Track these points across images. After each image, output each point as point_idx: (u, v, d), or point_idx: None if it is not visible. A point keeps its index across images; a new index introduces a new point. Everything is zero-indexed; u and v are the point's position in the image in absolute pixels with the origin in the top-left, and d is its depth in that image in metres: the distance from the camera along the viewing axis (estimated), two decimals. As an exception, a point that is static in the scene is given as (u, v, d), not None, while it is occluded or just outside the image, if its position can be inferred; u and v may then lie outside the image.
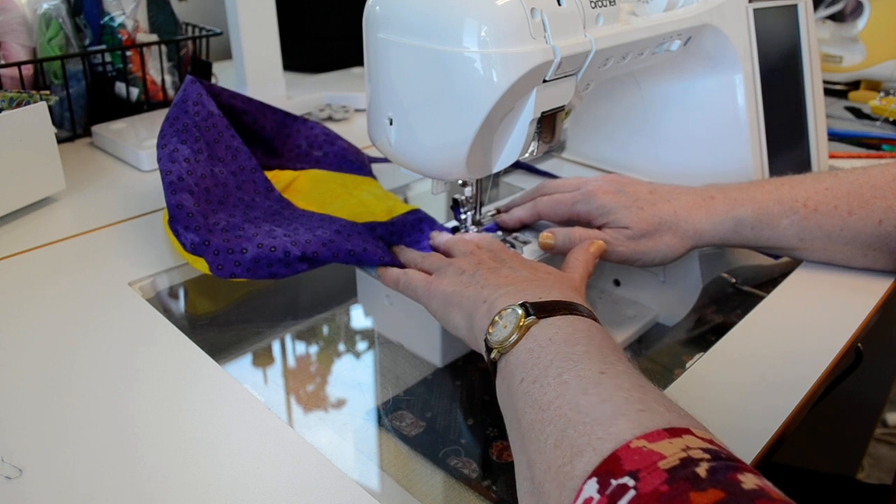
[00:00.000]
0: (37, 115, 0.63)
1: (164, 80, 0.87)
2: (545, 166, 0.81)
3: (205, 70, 0.91)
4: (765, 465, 0.40)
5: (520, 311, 0.37)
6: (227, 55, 0.99)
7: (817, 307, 0.54)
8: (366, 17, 0.48)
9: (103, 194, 0.70)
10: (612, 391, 0.31)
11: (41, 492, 0.35)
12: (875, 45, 1.10)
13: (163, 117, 0.59)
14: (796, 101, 0.71)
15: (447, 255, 0.51)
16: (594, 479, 0.27)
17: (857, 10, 1.11)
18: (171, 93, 0.88)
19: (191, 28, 0.93)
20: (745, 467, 0.26)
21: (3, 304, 0.51)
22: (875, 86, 1.13)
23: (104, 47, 0.82)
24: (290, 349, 0.57)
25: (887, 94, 1.03)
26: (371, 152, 0.70)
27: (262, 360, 0.54)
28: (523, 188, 0.75)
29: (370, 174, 0.69)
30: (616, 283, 0.62)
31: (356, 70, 1.11)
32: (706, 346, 0.50)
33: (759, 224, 0.54)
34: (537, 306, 0.37)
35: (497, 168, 0.50)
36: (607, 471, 0.26)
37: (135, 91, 0.85)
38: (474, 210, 0.56)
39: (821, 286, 0.56)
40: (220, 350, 0.53)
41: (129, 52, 0.83)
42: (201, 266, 0.51)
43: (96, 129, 0.81)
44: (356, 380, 0.53)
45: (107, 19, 0.82)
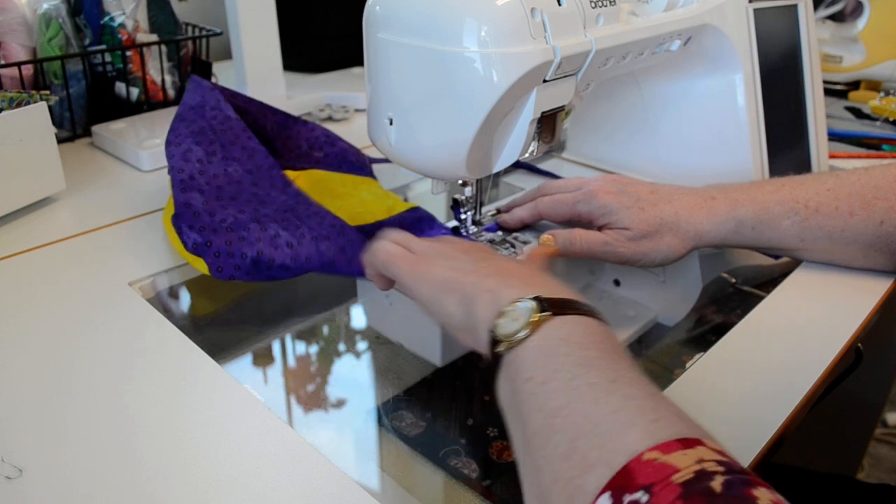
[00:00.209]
0: (37, 115, 0.63)
1: (164, 80, 0.87)
2: (545, 166, 0.81)
3: (205, 70, 0.91)
4: (765, 465, 0.40)
5: (533, 305, 0.35)
6: (227, 55, 0.99)
7: (817, 307, 0.54)
8: (366, 17, 0.48)
9: (103, 194, 0.70)
10: (624, 400, 0.30)
11: (41, 492, 0.35)
12: (875, 45, 1.10)
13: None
14: (796, 101, 0.71)
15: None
16: (607, 493, 0.26)
17: (857, 10, 1.11)
18: (172, 93, 0.88)
19: (191, 28, 0.93)
20: (757, 481, 0.25)
21: (3, 304, 0.51)
22: (875, 86, 1.13)
23: (104, 47, 0.82)
24: (290, 349, 0.57)
25: (887, 94, 1.03)
26: (371, 152, 0.70)
27: (262, 360, 0.54)
28: (523, 188, 0.75)
29: (370, 175, 0.69)
30: (616, 283, 0.62)
31: (356, 70, 1.11)
32: (706, 346, 0.50)
33: (760, 225, 0.54)
34: (551, 302, 0.35)
35: (497, 168, 0.50)
36: (620, 485, 0.26)
37: (135, 91, 0.85)
38: (474, 210, 0.56)
39: (821, 286, 0.56)
40: (220, 350, 0.53)
41: (129, 52, 0.83)
42: (201, 266, 0.50)
43: (96, 129, 0.81)
44: (356, 380, 0.53)
45: (107, 19, 0.82)
